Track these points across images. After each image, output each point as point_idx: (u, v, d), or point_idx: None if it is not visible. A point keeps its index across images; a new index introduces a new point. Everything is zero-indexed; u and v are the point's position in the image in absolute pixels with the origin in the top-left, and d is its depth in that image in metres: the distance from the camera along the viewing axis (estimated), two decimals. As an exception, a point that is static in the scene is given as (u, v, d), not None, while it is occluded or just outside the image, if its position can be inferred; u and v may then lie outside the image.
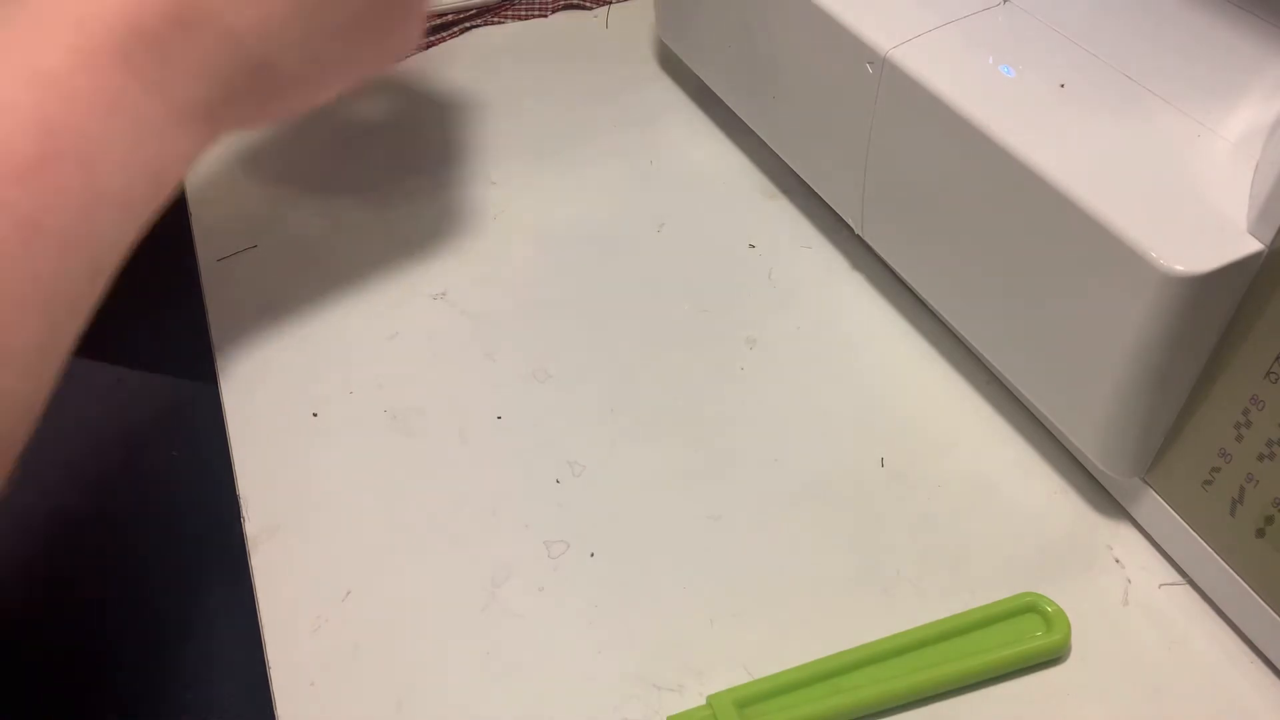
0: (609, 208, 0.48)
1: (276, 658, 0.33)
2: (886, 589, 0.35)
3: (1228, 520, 0.32)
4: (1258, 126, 0.32)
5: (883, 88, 0.38)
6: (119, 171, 0.30)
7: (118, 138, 0.30)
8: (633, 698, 0.32)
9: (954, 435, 0.39)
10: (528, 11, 0.60)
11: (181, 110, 0.32)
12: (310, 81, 0.36)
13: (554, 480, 0.38)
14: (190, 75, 0.32)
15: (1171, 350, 0.30)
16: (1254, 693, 0.32)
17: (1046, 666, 0.33)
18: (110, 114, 0.30)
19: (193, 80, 0.32)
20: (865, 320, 0.44)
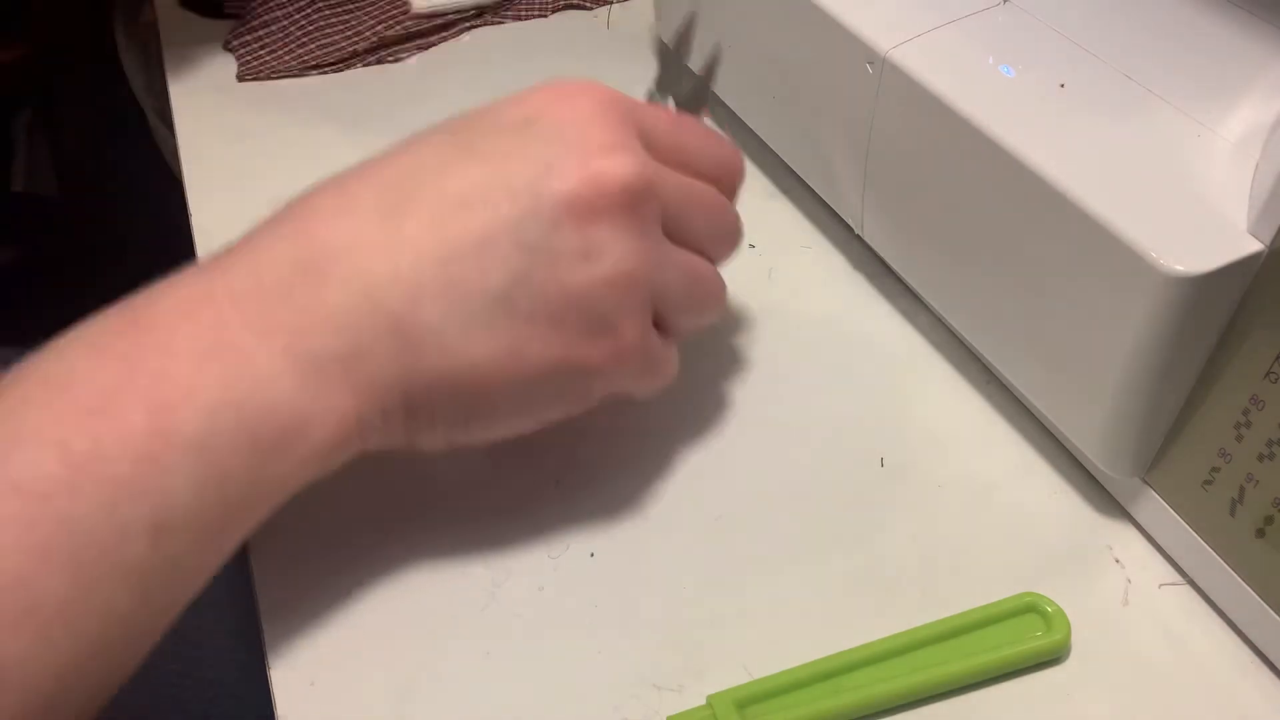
0: (609, 208, 0.48)
1: (276, 658, 0.33)
2: (886, 589, 0.35)
3: (1228, 520, 0.32)
4: (1258, 126, 0.32)
5: (883, 88, 0.38)
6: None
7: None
8: (633, 698, 0.32)
9: (954, 435, 0.39)
10: (528, 11, 0.60)
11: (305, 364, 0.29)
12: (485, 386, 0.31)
13: (554, 481, 0.38)
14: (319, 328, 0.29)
15: (1171, 350, 0.30)
16: (1254, 693, 0.32)
17: (1046, 666, 0.33)
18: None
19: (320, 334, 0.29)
20: (865, 320, 0.44)
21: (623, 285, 0.31)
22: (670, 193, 0.32)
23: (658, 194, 0.31)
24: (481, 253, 0.29)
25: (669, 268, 0.33)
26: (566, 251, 0.30)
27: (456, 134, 0.32)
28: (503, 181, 0.30)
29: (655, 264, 0.32)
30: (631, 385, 0.34)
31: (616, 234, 0.30)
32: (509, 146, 0.31)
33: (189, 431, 0.26)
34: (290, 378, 0.28)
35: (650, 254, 0.31)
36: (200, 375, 0.27)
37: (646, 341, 0.33)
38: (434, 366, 0.29)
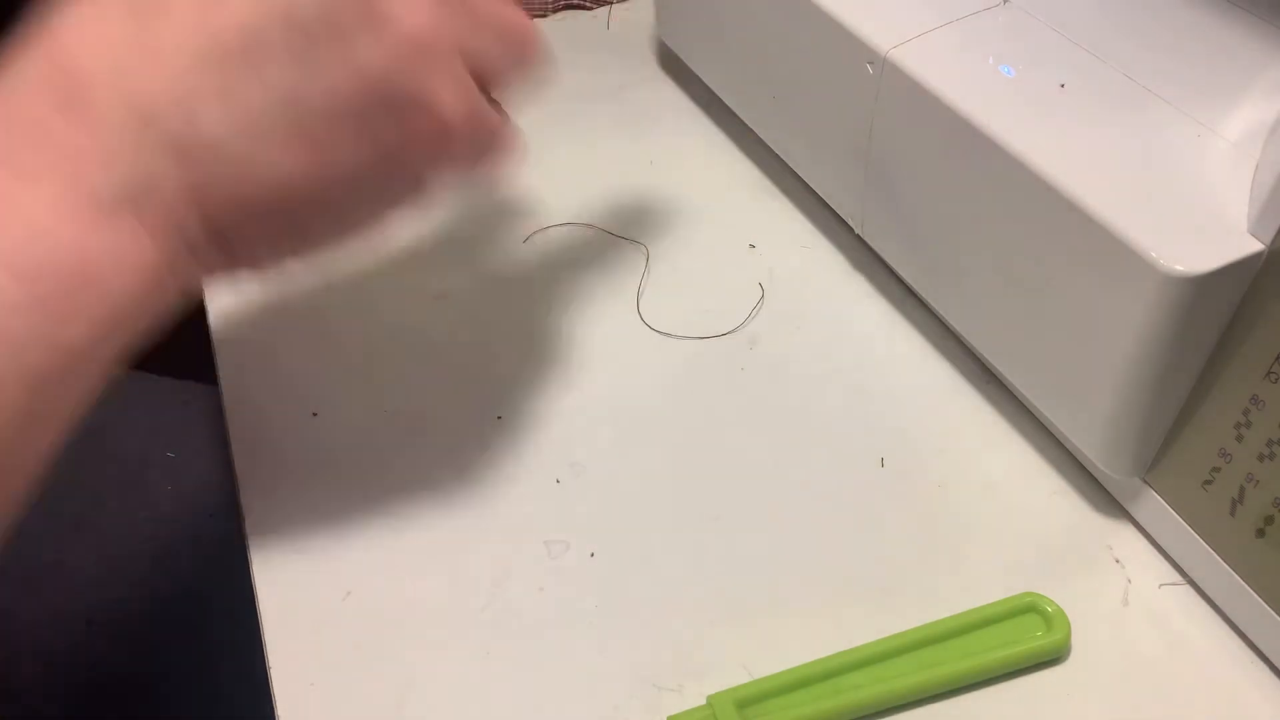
0: (609, 208, 0.48)
1: (276, 658, 0.33)
2: (886, 589, 0.35)
3: (1228, 520, 0.32)
4: (1258, 126, 0.32)
5: (883, 88, 0.38)
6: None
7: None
8: (633, 698, 0.32)
9: (954, 435, 0.39)
10: (528, 11, 0.60)
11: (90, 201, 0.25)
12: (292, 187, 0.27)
13: (554, 480, 0.38)
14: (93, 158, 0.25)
15: (1171, 350, 0.30)
16: (1254, 693, 0.32)
17: (1046, 666, 0.33)
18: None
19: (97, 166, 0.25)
20: (865, 320, 0.44)
21: (424, 47, 0.27)
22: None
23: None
24: (254, 47, 0.26)
25: (466, 15, 0.29)
26: (349, 24, 0.26)
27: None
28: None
29: (451, 15, 0.28)
30: (468, 162, 0.30)
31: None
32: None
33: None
34: (70, 224, 0.25)
35: (442, 5, 0.28)
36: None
37: (472, 107, 0.29)
38: (230, 186, 0.26)
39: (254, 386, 0.41)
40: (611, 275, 0.45)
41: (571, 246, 0.47)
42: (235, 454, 0.39)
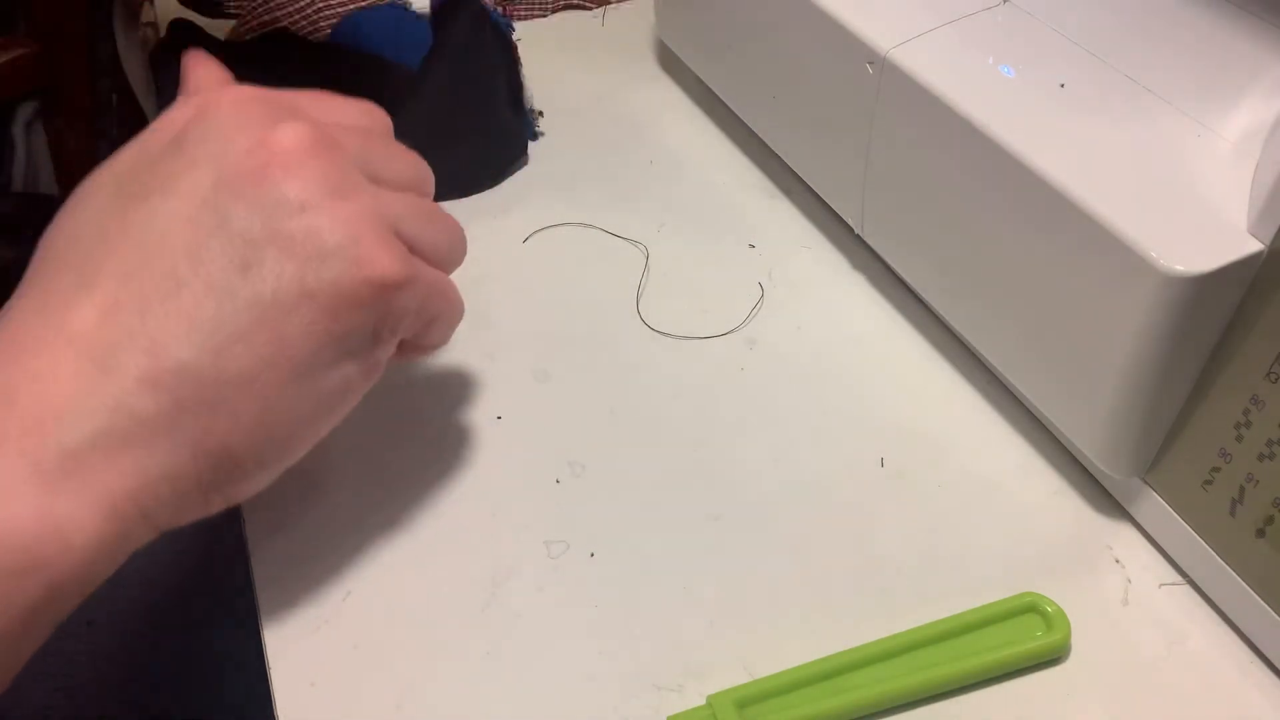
0: (609, 208, 0.48)
1: (276, 658, 0.33)
2: (886, 589, 0.35)
3: (1228, 520, 0.32)
4: (1258, 126, 0.32)
5: (883, 88, 0.38)
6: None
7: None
8: (633, 698, 0.32)
9: (954, 435, 0.39)
10: (528, 11, 0.60)
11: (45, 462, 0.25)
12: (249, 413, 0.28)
13: (554, 480, 0.38)
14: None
15: (1171, 350, 0.30)
16: (1254, 692, 0.32)
17: (1046, 666, 0.33)
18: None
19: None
20: (865, 320, 0.44)
21: (350, 217, 0.29)
22: (348, 140, 0.31)
23: (340, 143, 0.30)
24: (199, 267, 0.27)
25: (391, 199, 0.31)
26: (279, 214, 0.28)
27: (118, 183, 0.30)
28: (186, 197, 0.28)
29: (374, 196, 0.30)
30: (421, 324, 0.32)
31: (321, 174, 0.29)
32: (172, 167, 0.29)
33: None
34: (32, 486, 0.25)
35: (361, 188, 0.30)
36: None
37: (413, 265, 0.30)
38: (203, 401, 0.27)
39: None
40: (611, 275, 0.45)
41: (571, 246, 0.47)
42: (235, 454, 0.39)
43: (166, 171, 0.29)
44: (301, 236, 0.28)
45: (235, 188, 0.28)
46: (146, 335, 0.27)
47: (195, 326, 0.27)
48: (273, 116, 0.29)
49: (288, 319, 0.28)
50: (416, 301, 0.31)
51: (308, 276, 0.28)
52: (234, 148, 0.29)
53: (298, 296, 0.28)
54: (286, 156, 0.28)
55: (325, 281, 0.28)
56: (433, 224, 0.33)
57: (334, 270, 0.28)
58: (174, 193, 0.28)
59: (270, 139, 0.29)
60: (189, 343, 0.27)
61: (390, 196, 0.31)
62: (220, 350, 0.27)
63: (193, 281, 0.27)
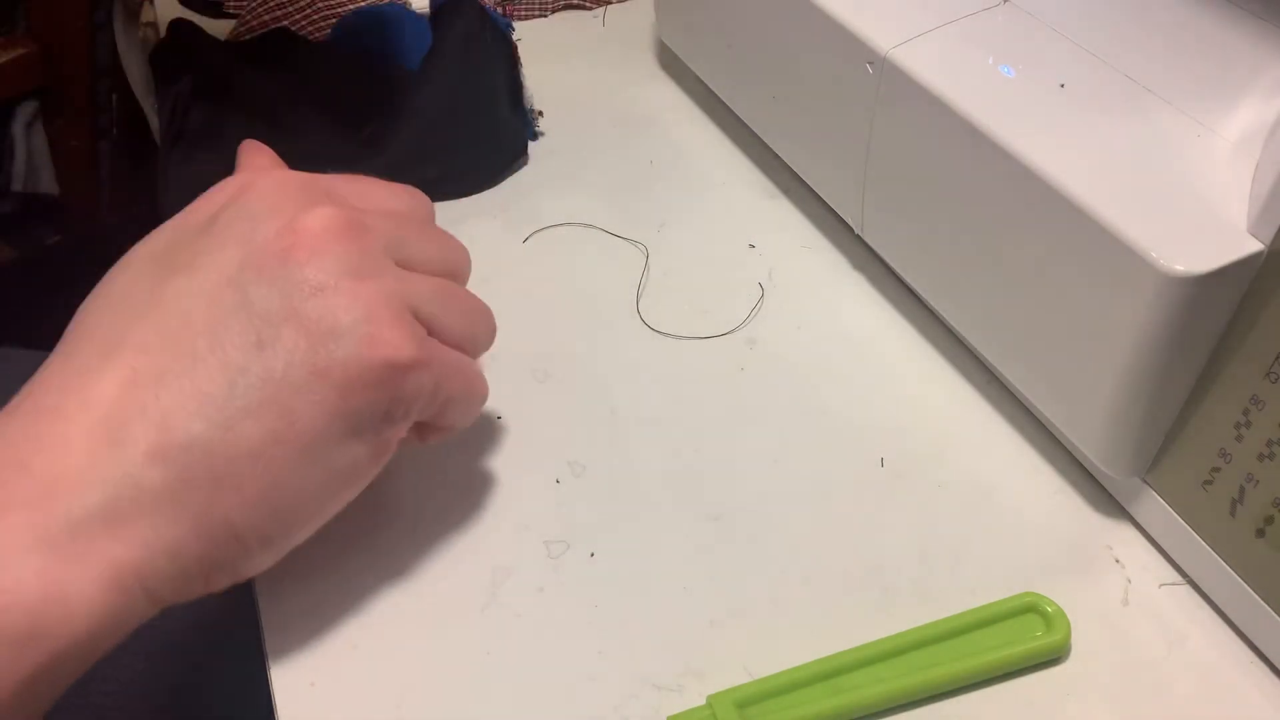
0: (609, 207, 0.48)
1: (276, 658, 0.33)
2: (886, 589, 0.35)
3: (1228, 520, 0.32)
4: (1258, 126, 0.32)
5: (883, 88, 0.38)
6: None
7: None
8: (633, 698, 0.32)
9: (954, 435, 0.39)
10: (528, 11, 0.60)
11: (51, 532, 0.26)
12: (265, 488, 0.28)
13: (554, 480, 0.38)
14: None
15: (1171, 350, 0.30)
16: (1254, 692, 0.32)
17: (1046, 666, 0.33)
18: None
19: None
20: (865, 320, 0.44)
21: (367, 297, 0.29)
22: (380, 225, 0.31)
23: (369, 227, 0.31)
24: (216, 345, 0.28)
25: (414, 281, 0.31)
26: (298, 294, 0.28)
27: (153, 258, 0.30)
28: (212, 275, 0.29)
29: (396, 277, 0.30)
30: (437, 406, 0.32)
31: (342, 256, 0.29)
32: (203, 246, 0.30)
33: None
34: (38, 554, 0.25)
35: (383, 270, 0.30)
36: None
37: (428, 347, 0.31)
38: (209, 475, 0.27)
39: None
40: (611, 275, 0.45)
41: (571, 246, 0.47)
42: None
43: (198, 249, 0.30)
44: (316, 315, 0.28)
45: (259, 268, 0.29)
46: (159, 409, 0.27)
47: (207, 401, 0.27)
48: (307, 200, 0.30)
49: (298, 396, 0.28)
50: (430, 383, 0.31)
51: (319, 354, 0.28)
52: (263, 230, 0.29)
53: (309, 374, 0.28)
54: (312, 239, 0.29)
55: (336, 360, 0.28)
56: (456, 305, 0.33)
57: (345, 349, 0.28)
58: (202, 270, 0.29)
59: (298, 222, 0.29)
60: (199, 417, 0.27)
61: (414, 279, 0.31)
62: (229, 425, 0.27)
63: (209, 358, 0.28)
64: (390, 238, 0.32)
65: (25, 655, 0.25)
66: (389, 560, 0.36)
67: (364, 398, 0.29)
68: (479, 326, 0.34)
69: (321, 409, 0.28)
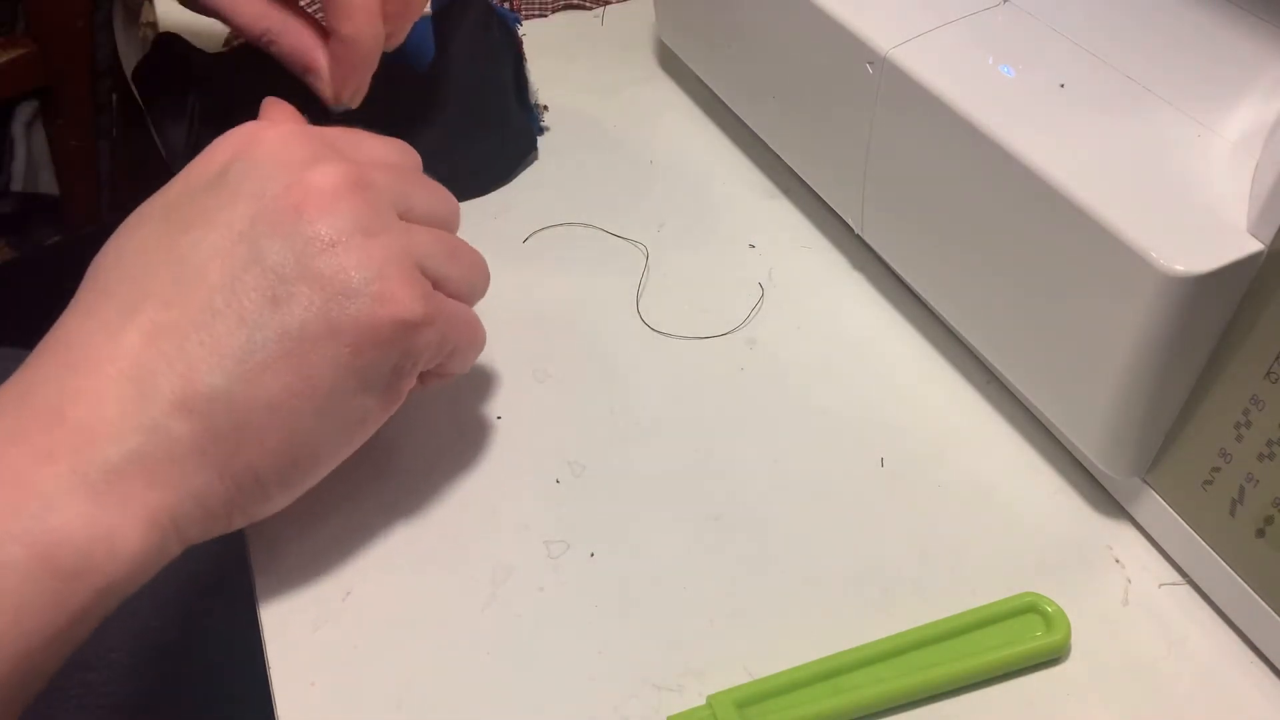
0: (609, 207, 0.48)
1: (276, 658, 0.33)
2: (886, 589, 0.35)
3: (1228, 520, 0.32)
4: (1258, 126, 0.32)
5: (883, 88, 0.38)
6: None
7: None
8: (633, 698, 0.32)
9: (954, 435, 0.39)
10: (528, 11, 0.60)
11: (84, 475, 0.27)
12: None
13: (554, 480, 0.38)
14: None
15: (1171, 350, 0.30)
16: (1254, 693, 0.32)
17: (1046, 666, 0.33)
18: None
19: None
20: (865, 320, 0.44)
21: (377, 255, 0.30)
22: (383, 179, 0.32)
23: (374, 182, 0.32)
24: (232, 299, 0.29)
25: (420, 236, 0.33)
26: (311, 251, 0.30)
27: (165, 213, 0.31)
28: (224, 230, 0.30)
29: (404, 233, 0.32)
30: (443, 356, 0.33)
31: (352, 213, 0.30)
32: (214, 201, 0.31)
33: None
34: (82, 497, 0.27)
35: (391, 225, 0.31)
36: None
37: (435, 303, 0.32)
38: (232, 425, 0.29)
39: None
40: (611, 275, 0.45)
41: (571, 246, 0.47)
42: (235, 454, 0.39)
43: (209, 205, 0.31)
44: (329, 273, 0.30)
45: (271, 224, 0.30)
46: (183, 361, 0.28)
47: (227, 354, 0.29)
48: (312, 155, 0.31)
49: (313, 351, 0.30)
50: (437, 337, 0.32)
51: (333, 312, 0.30)
52: (272, 185, 0.30)
53: (323, 331, 0.30)
54: (321, 195, 0.30)
55: (349, 317, 0.30)
56: (458, 259, 0.34)
57: (358, 307, 0.30)
58: (214, 225, 0.30)
59: (307, 178, 0.30)
60: (220, 371, 0.29)
61: (419, 233, 0.33)
62: (249, 379, 0.29)
63: (226, 312, 0.29)
64: (394, 192, 0.33)
65: (77, 590, 0.27)
66: (389, 560, 0.36)
67: (376, 354, 0.31)
68: (477, 276, 0.36)
69: (335, 364, 0.30)
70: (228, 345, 0.29)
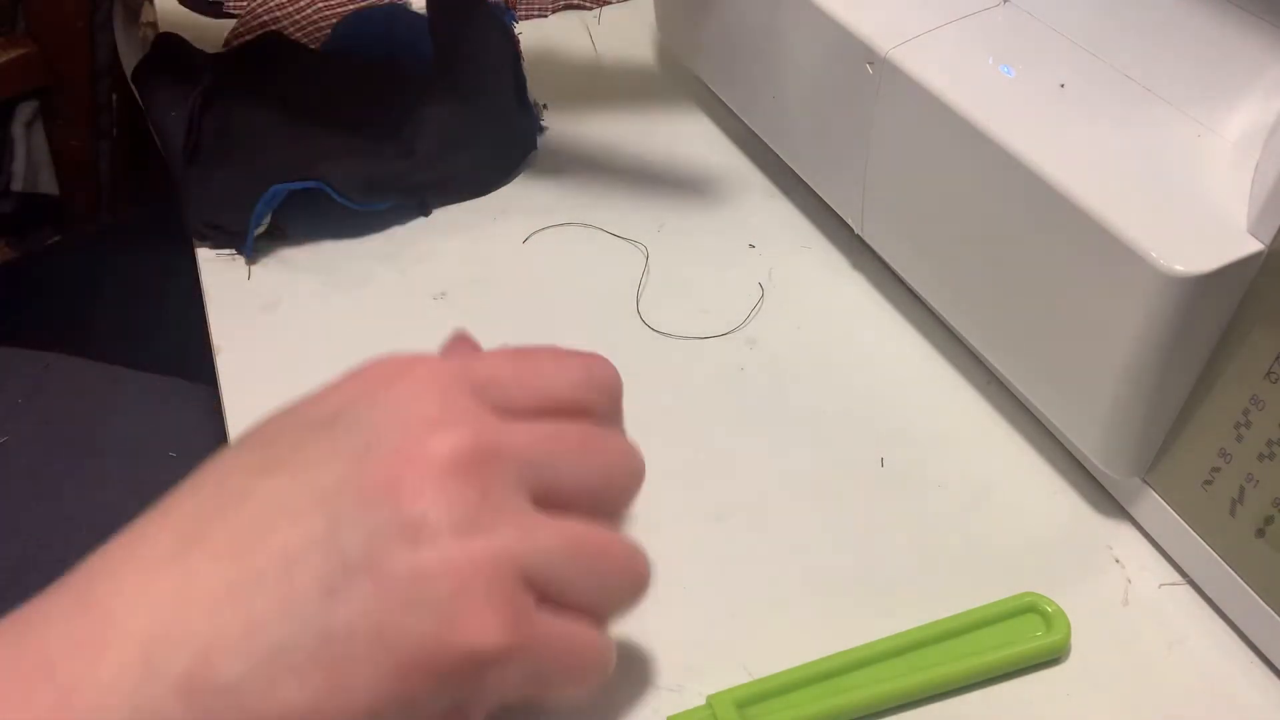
0: (608, 208, 0.48)
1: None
2: (886, 589, 0.35)
3: (1228, 520, 0.32)
4: (1258, 126, 0.32)
5: (883, 88, 0.38)
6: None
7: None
8: (633, 698, 0.32)
9: (954, 435, 0.39)
10: (528, 11, 0.60)
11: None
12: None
13: (554, 480, 0.38)
14: None
15: (1171, 350, 0.30)
16: (1254, 693, 0.32)
17: (1046, 666, 0.33)
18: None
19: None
20: (865, 320, 0.44)
21: (467, 562, 0.24)
22: (523, 442, 0.26)
23: (507, 456, 0.26)
24: (287, 577, 0.24)
25: (537, 535, 0.26)
26: (387, 541, 0.24)
27: (264, 446, 0.27)
28: (308, 488, 0.25)
29: (514, 533, 0.25)
30: (535, 688, 0.26)
31: (451, 504, 0.24)
32: (313, 448, 0.26)
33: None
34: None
35: (502, 521, 0.25)
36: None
37: (527, 631, 0.25)
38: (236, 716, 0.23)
39: (254, 386, 0.41)
40: (611, 275, 0.45)
41: (571, 246, 0.47)
42: (235, 454, 0.39)
43: (307, 449, 0.26)
44: (400, 572, 0.24)
45: (359, 494, 0.24)
46: (207, 634, 0.23)
47: (257, 642, 0.23)
48: (443, 413, 0.26)
49: (354, 665, 0.24)
50: (521, 673, 0.25)
51: (390, 623, 0.24)
52: (382, 444, 0.25)
53: (372, 643, 0.24)
54: (427, 470, 0.24)
55: (406, 634, 0.24)
56: (593, 563, 0.27)
57: (421, 625, 0.24)
58: (300, 479, 0.25)
59: (421, 444, 0.25)
60: (243, 656, 0.23)
61: (542, 531, 0.26)
62: (272, 679, 0.23)
63: (274, 590, 0.24)
64: (533, 461, 0.26)
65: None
66: (389, 560, 0.36)
67: (430, 686, 0.24)
68: (623, 581, 0.28)
69: (375, 689, 0.24)
70: (261, 631, 0.23)
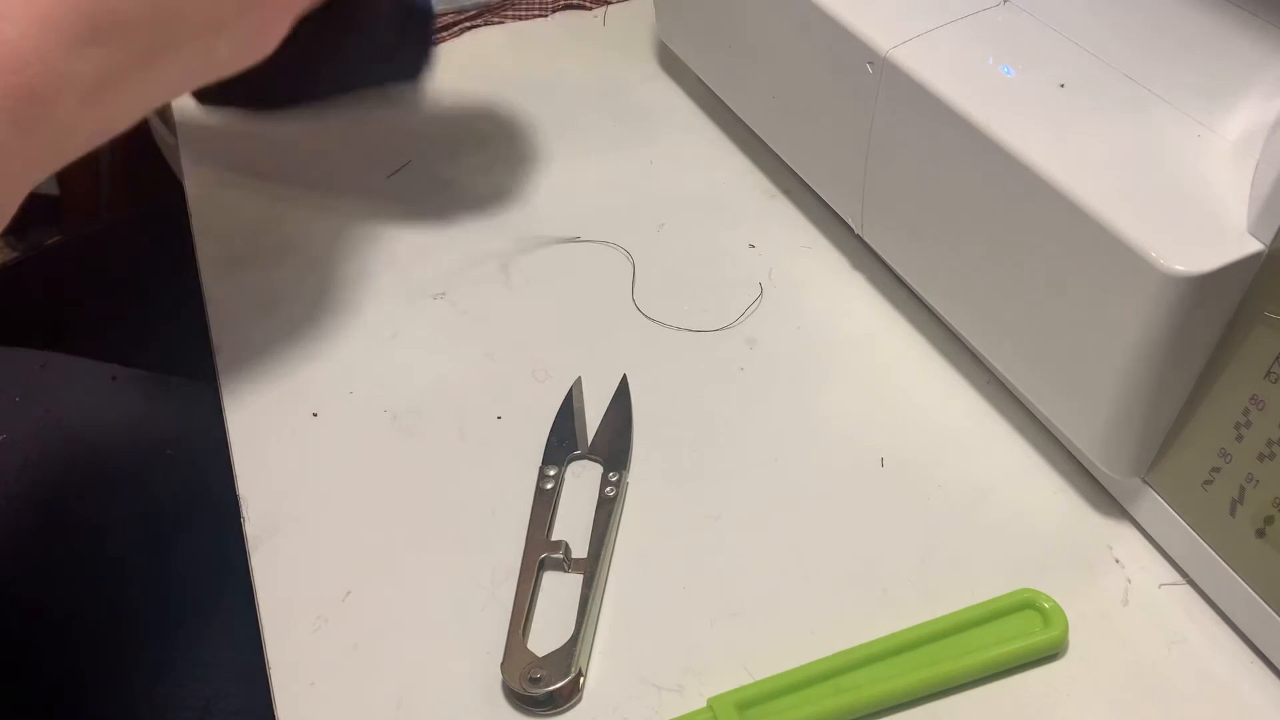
0: (609, 208, 0.48)
1: (276, 658, 0.33)
2: (886, 589, 0.35)
3: (1228, 520, 0.32)
4: (1258, 126, 0.32)
5: (883, 88, 0.38)
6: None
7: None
8: (633, 698, 0.32)
9: (954, 435, 0.39)
10: (528, 11, 0.60)
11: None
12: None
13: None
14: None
15: (1171, 350, 0.30)
16: (1254, 693, 0.32)
17: (1046, 664, 0.33)
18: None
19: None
20: (865, 320, 0.44)
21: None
22: None
23: None
24: None
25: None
26: None
27: None
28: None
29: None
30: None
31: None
32: None
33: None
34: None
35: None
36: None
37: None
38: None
39: (254, 386, 0.41)
40: (610, 276, 0.45)
41: (571, 248, 0.47)
42: (235, 454, 0.39)
43: None
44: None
45: None
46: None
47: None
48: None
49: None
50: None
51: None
52: None
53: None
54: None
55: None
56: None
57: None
58: None
59: None
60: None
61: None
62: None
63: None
64: None
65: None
66: (389, 560, 0.36)
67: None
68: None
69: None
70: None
